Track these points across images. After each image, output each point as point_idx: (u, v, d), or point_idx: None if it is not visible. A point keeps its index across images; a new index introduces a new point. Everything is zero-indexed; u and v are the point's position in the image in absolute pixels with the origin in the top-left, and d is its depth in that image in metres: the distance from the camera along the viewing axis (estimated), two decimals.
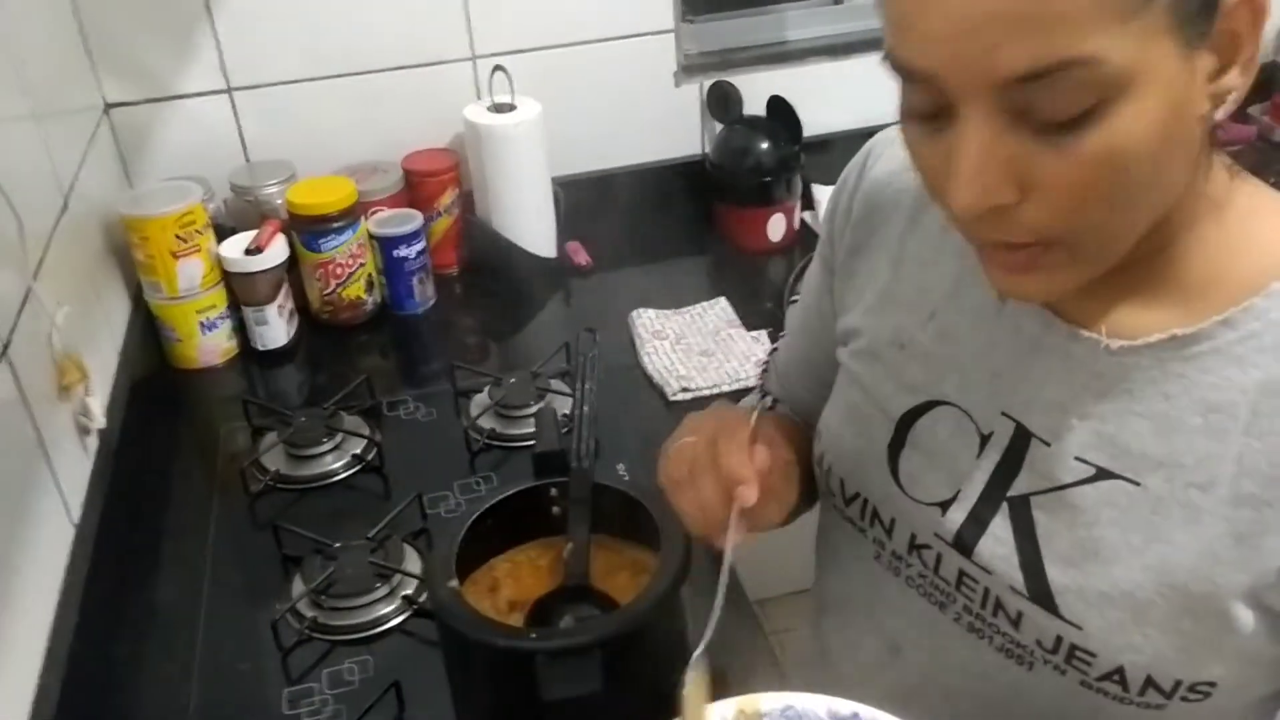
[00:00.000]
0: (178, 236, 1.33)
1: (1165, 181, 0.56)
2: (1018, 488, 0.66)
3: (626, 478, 1.16)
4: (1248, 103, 0.59)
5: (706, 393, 1.29)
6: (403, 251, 1.47)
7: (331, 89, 1.53)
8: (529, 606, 0.81)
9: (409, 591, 1.02)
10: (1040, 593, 0.65)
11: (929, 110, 0.56)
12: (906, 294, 0.74)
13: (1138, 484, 0.62)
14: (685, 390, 1.29)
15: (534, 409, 1.25)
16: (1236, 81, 0.55)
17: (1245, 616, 0.60)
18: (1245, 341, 0.59)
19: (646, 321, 1.42)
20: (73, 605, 0.95)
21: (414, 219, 1.49)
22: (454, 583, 0.77)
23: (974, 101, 0.52)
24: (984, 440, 0.68)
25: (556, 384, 1.30)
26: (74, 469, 1.06)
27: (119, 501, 1.11)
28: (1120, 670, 0.63)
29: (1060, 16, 0.49)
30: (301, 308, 1.49)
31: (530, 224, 1.56)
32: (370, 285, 1.48)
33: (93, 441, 1.12)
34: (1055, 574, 0.64)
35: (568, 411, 1.22)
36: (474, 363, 1.37)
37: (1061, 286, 0.60)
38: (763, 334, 1.39)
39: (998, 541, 0.67)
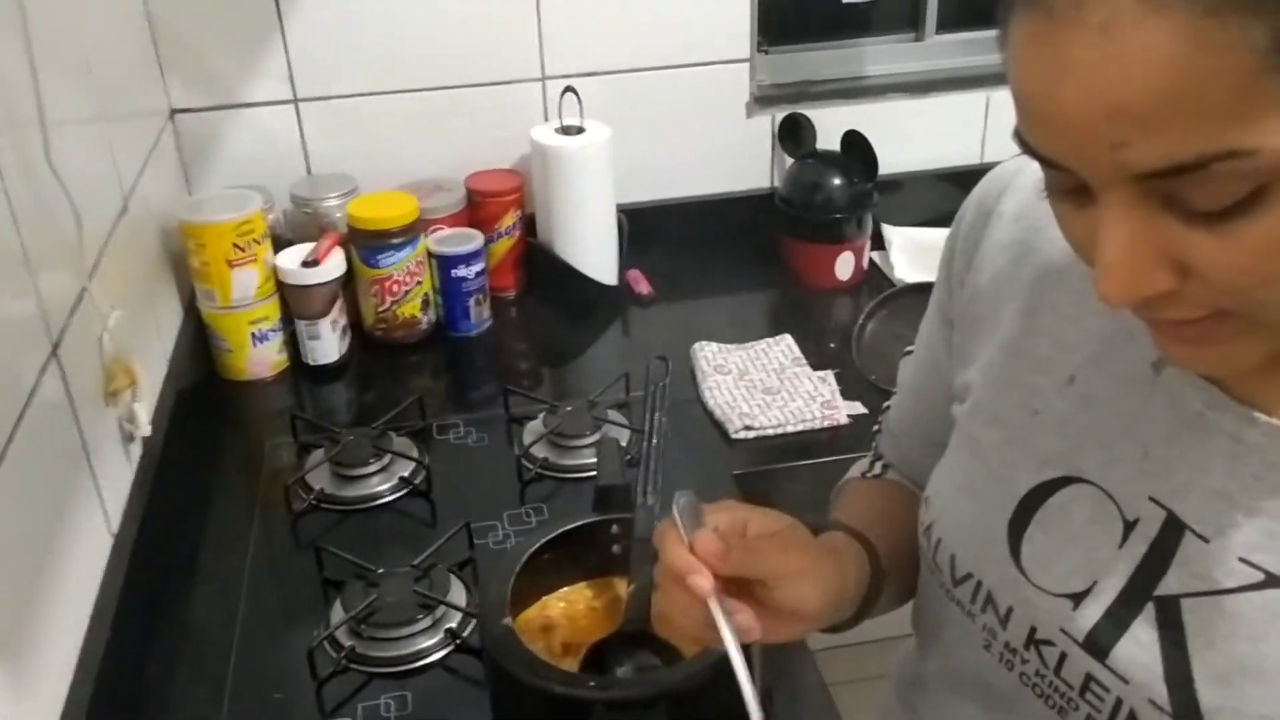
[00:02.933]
0: (235, 245, 1.31)
1: None
2: (1167, 586, 0.57)
3: None
4: None
5: (770, 431, 1.24)
6: (461, 271, 1.44)
7: (398, 104, 1.51)
8: (584, 650, 0.76)
9: (453, 625, 0.97)
10: (1187, 711, 0.56)
11: (1069, 188, 0.50)
12: (1040, 350, 0.66)
13: None
14: (748, 428, 1.24)
15: (590, 439, 1.20)
16: None
17: None
18: None
19: (709, 355, 1.37)
20: (105, 620, 0.91)
21: (475, 239, 1.45)
22: (508, 620, 0.72)
23: (1111, 192, 0.46)
24: (1128, 527, 0.60)
25: (614, 414, 1.25)
26: (116, 477, 1.02)
27: (159, 513, 1.07)
28: None
29: (1196, 108, 0.42)
30: (355, 324, 1.45)
31: (593, 250, 1.52)
32: (426, 304, 1.45)
33: (136, 449, 1.09)
34: (1207, 693, 0.56)
35: (625, 443, 1.18)
36: (528, 388, 1.33)
37: (1244, 359, 0.52)
38: (829, 374, 1.33)
39: (1140, 646, 0.57)
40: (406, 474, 1.17)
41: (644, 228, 1.59)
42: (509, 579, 0.75)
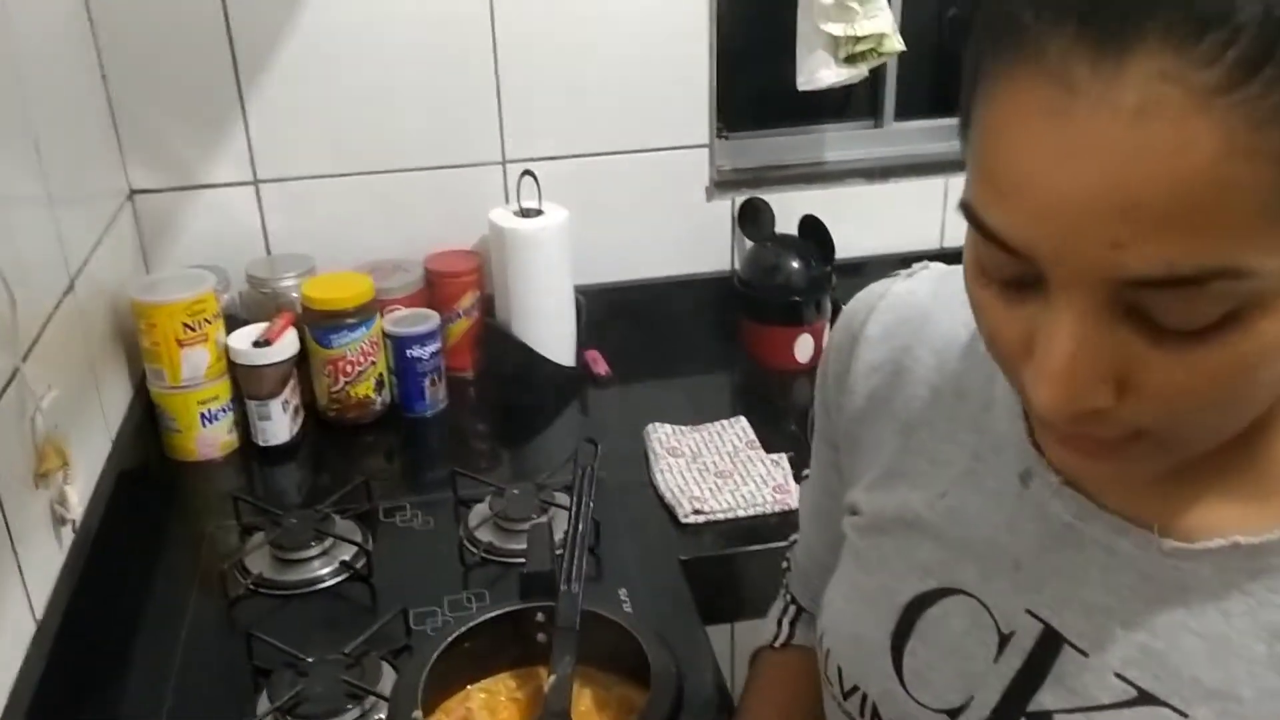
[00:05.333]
0: (185, 324, 1.30)
1: None
2: (1040, 702, 0.56)
3: (628, 604, 1.08)
4: None
5: (720, 516, 1.22)
6: (416, 351, 1.43)
7: (359, 186, 1.52)
8: None
9: (382, 716, 0.94)
10: None
11: (1013, 278, 0.46)
12: (917, 467, 0.65)
13: (1185, 715, 0.51)
14: (698, 512, 1.22)
15: (534, 523, 1.18)
16: None
17: None
18: None
19: (661, 437, 1.36)
20: (19, 710, 0.88)
21: (430, 319, 1.45)
22: (418, 713, 0.70)
23: (1077, 292, 0.42)
24: (1003, 640, 0.58)
25: (561, 497, 1.23)
26: (44, 561, 1.00)
27: (89, 600, 1.04)
28: None
29: (1216, 218, 0.39)
30: (308, 404, 1.44)
31: (550, 331, 1.52)
32: (380, 384, 1.44)
33: (68, 533, 1.07)
34: None
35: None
36: (481, 470, 1.31)
37: (1133, 476, 0.52)
38: (783, 457, 1.32)
39: None
40: (348, 558, 1.15)
41: (604, 309, 1.59)
42: (423, 668, 0.73)
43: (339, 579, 1.14)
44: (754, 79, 1.68)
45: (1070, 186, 0.40)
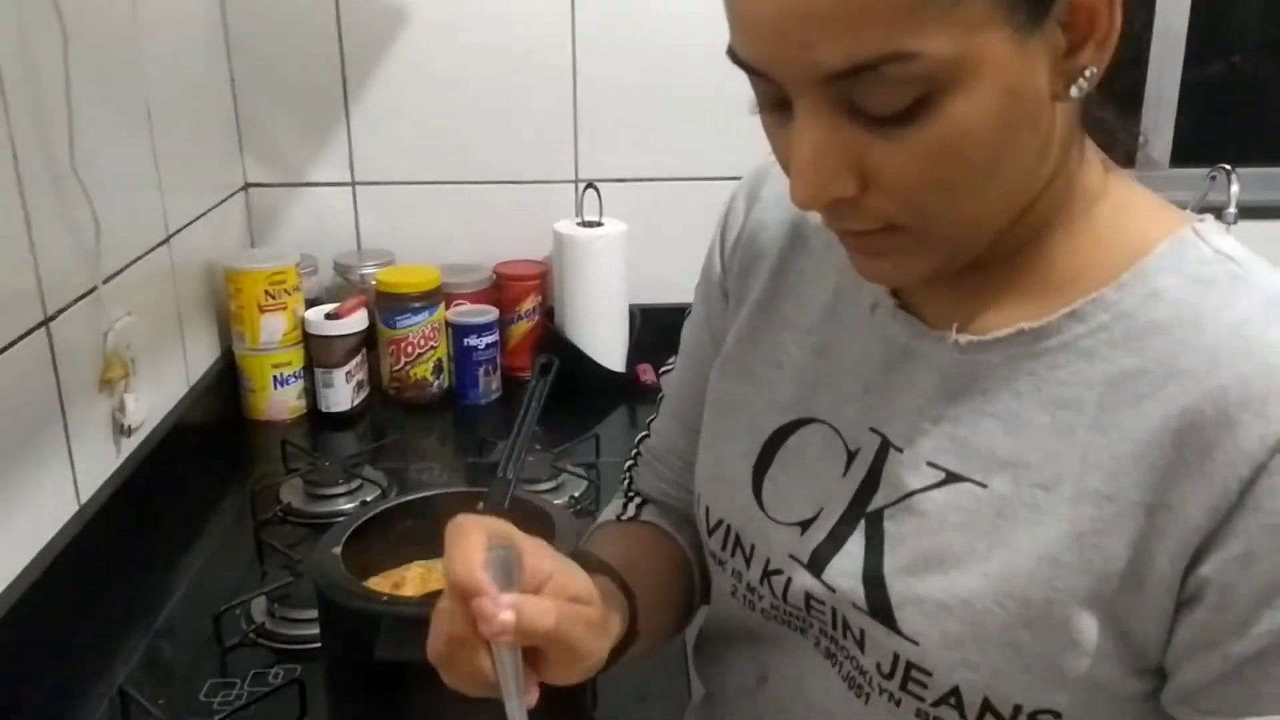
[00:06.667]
0: (267, 292, 1.45)
1: (1012, 169, 0.54)
2: (875, 502, 0.62)
3: None
4: None
5: None
6: (473, 341, 1.54)
7: (443, 193, 1.67)
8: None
9: None
10: (880, 607, 0.60)
11: (773, 101, 0.55)
12: (785, 310, 0.70)
13: (984, 486, 0.58)
14: None
15: (546, 485, 1.25)
16: (1091, 59, 0.52)
17: (1088, 628, 0.54)
18: (1094, 335, 0.56)
19: None
20: (42, 564, 0.99)
21: (489, 313, 1.56)
22: (337, 549, 0.77)
23: (803, 95, 0.52)
24: (850, 457, 0.64)
25: (574, 469, 1.30)
26: (97, 456, 1.13)
27: (133, 502, 1.17)
28: (956, 691, 0.57)
29: (871, 13, 0.47)
30: (374, 383, 1.56)
31: (603, 337, 1.60)
32: (439, 369, 1.55)
33: (129, 443, 1.20)
34: (897, 586, 0.59)
35: (577, 494, 1.24)
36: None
37: (915, 271, 0.58)
38: None
39: (849, 558, 0.62)
40: (370, 499, 1.25)
41: (661, 327, 1.67)
42: (353, 521, 0.81)
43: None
44: None
45: (764, 5, 0.50)
